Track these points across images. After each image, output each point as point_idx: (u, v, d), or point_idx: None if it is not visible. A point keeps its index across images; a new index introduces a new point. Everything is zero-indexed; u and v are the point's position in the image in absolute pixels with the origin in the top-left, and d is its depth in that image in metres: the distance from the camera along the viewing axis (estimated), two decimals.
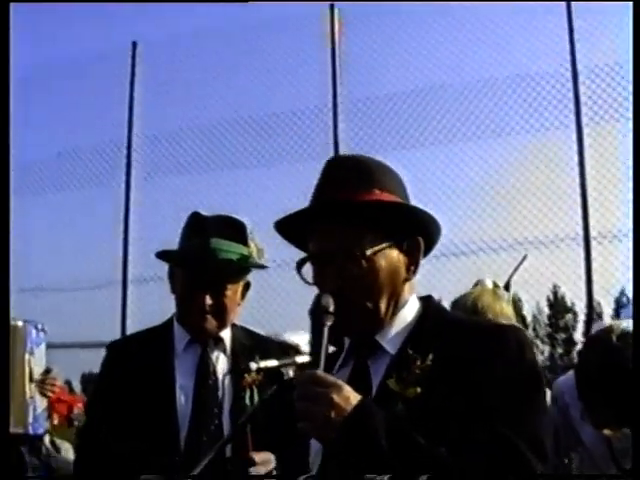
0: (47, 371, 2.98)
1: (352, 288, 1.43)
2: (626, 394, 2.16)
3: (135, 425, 2.05)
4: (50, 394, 2.94)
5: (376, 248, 1.43)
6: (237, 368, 2.06)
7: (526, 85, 6.11)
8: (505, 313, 2.57)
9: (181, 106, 7.31)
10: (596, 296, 5.70)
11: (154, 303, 6.04)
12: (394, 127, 6.60)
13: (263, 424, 1.76)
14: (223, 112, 7.07)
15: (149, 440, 2.03)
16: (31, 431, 2.86)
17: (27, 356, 2.90)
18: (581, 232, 5.71)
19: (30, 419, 2.84)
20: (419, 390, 1.35)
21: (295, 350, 3.31)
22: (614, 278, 5.76)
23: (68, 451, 4.46)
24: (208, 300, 2.13)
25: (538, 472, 1.27)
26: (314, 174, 1.53)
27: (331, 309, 1.40)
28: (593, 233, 5.66)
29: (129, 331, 6.58)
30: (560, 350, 29.69)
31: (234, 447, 1.93)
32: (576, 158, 5.78)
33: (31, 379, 2.88)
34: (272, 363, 1.83)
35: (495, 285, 2.79)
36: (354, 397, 1.30)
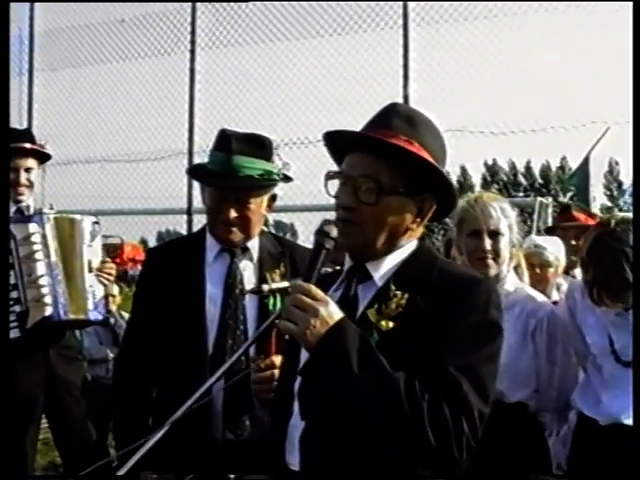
0: (104, 261, 3.19)
1: (360, 212, 1.54)
2: (616, 272, 2.34)
3: (169, 329, 2.26)
4: (107, 283, 3.16)
5: (392, 189, 1.53)
6: (251, 290, 2.21)
7: None
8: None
9: None
10: None
11: None
12: None
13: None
14: None
15: (181, 342, 2.24)
16: (92, 317, 3.12)
17: (85, 248, 3.12)
18: None
19: (90, 306, 3.10)
20: (391, 325, 1.50)
21: None
22: None
23: None
24: (233, 213, 2.27)
25: (476, 411, 1.41)
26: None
27: (333, 235, 1.53)
28: None
29: (195, 203, 6.83)
30: None
31: (258, 351, 2.10)
32: None
33: (90, 269, 3.11)
34: (283, 284, 1.96)
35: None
36: (337, 314, 1.45)
